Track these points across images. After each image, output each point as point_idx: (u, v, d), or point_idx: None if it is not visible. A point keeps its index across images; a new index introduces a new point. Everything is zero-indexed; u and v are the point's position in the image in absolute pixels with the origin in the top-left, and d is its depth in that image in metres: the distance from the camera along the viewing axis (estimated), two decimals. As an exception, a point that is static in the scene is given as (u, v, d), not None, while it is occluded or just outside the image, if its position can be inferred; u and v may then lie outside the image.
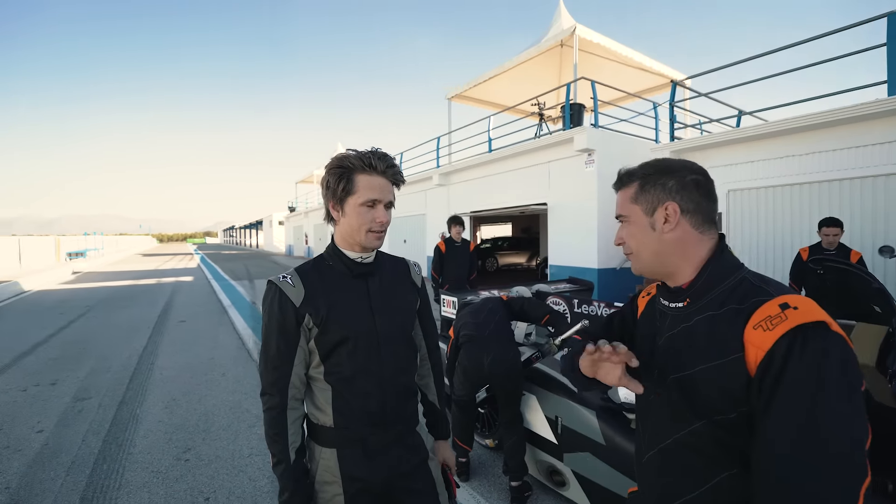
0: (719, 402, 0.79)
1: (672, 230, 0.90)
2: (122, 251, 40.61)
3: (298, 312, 1.17)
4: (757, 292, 0.81)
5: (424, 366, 1.47)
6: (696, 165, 0.92)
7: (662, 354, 0.92)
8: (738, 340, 0.77)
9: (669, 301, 0.94)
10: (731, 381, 0.77)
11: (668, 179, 0.90)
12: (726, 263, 0.89)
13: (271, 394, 1.17)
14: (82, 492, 2.69)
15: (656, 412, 0.94)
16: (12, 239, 18.55)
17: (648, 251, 0.93)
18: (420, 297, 1.41)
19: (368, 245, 1.22)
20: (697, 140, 7.18)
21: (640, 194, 0.93)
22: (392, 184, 1.23)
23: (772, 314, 0.75)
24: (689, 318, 0.88)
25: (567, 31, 10.07)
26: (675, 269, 0.92)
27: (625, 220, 0.97)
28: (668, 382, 0.89)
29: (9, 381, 4.79)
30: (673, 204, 0.89)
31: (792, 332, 0.71)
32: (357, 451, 1.20)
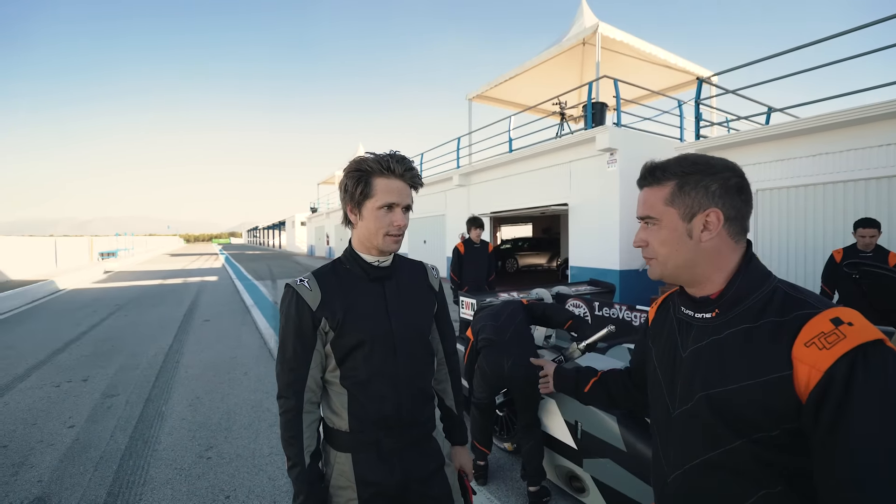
0: (761, 420, 0.74)
1: (710, 239, 0.82)
2: (151, 251, 41.96)
3: (315, 316, 1.17)
4: (797, 304, 0.76)
5: (441, 370, 1.46)
6: (737, 166, 0.85)
7: (688, 369, 0.85)
8: (786, 357, 0.72)
9: (695, 311, 0.87)
10: (777, 399, 0.72)
11: (712, 182, 0.82)
12: (757, 272, 0.83)
13: (287, 397, 1.17)
14: (109, 487, 2.77)
15: (681, 431, 0.87)
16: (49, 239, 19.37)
17: (679, 260, 0.86)
18: (437, 300, 1.40)
19: (386, 249, 1.21)
20: (724, 138, 6.97)
21: (678, 196, 0.84)
22: (410, 187, 1.22)
23: (825, 330, 0.70)
24: (719, 330, 0.82)
25: (589, 29, 9.92)
26: (705, 279, 0.86)
27: (654, 222, 0.87)
28: (697, 399, 0.82)
29: (44, 378, 4.98)
30: (717, 211, 0.81)
31: (853, 352, 0.67)
32: (372, 455, 1.19)
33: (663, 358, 0.94)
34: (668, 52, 10.85)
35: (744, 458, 0.77)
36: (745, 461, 0.77)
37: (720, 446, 0.79)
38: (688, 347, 0.87)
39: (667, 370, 0.92)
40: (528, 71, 12.01)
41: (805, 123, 5.98)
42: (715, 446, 0.80)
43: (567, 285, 4.48)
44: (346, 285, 1.22)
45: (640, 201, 0.91)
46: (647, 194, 0.89)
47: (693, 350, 0.85)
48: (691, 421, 0.84)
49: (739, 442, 0.77)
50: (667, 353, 0.93)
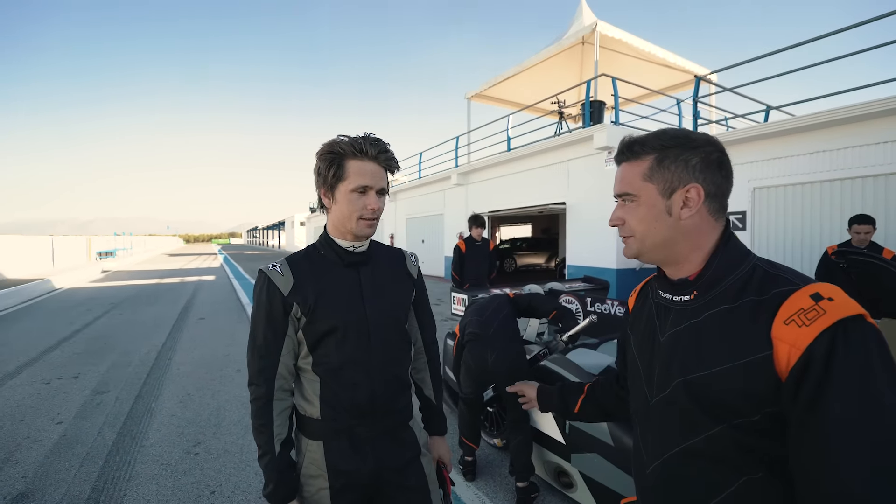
0: (741, 404, 0.71)
1: (690, 216, 0.78)
2: (150, 251, 41.93)
3: (286, 301, 1.14)
4: (776, 281, 0.73)
5: (420, 359, 1.42)
6: (718, 140, 0.81)
7: (665, 354, 0.82)
8: (765, 337, 0.68)
9: (672, 294, 0.83)
10: (757, 381, 0.69)
11: (692, 155, 0.78)
12: (736, 251, 0.80)
13: (257, 384, 1.15)
14: (94, 483, 2.73)
15: (659, 418, 0.83)
16: (46, 239, 19.32)
17: (657, 238, 0.81)
18: (416, 287, 1.36)
19: (360, 233, 1.18)
20: (722, 136, 6.95)
21: (657, 171, 0.79)
22: (385, 170, 1.18)
23: (804, 307, 0.66)
24: (698, 312, 0.78)
25: (588, 27, 9.92)
26: (682, 258, 0.82)
27: (631, 199, 0.83)
28: (675, 385, 0.79)
29: (34, 375, 4.94)
30: (697, 186, 0.77)
31: (833, 328, 0.64)
32: (343, 442, 1.16)
33: (642, 345, 0.90)
34: (667, 51, 10.84)
35: (724, 445, 0.74)
36: (726, 448, 0.74)
37: (699, 433, 0.76)
38: (666, 332, 0.83)
39: (645, 357, 0.88)
40: (527, 70, 12.00)
41: (802, 121, 5.96)
42: (694, 433, 0.77)
43: (561, 282, 4.45)
44: (319, 270, 1.19)
45: (618, 178, 0.86)
46: (625, 170, 0.84)
47: (671, 334, 0.82)
48: (669, 408, 0.81)
49: (719, 428, 0.73)
50: (645, 340, 0.89)
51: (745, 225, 6.73)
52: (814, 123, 5.84)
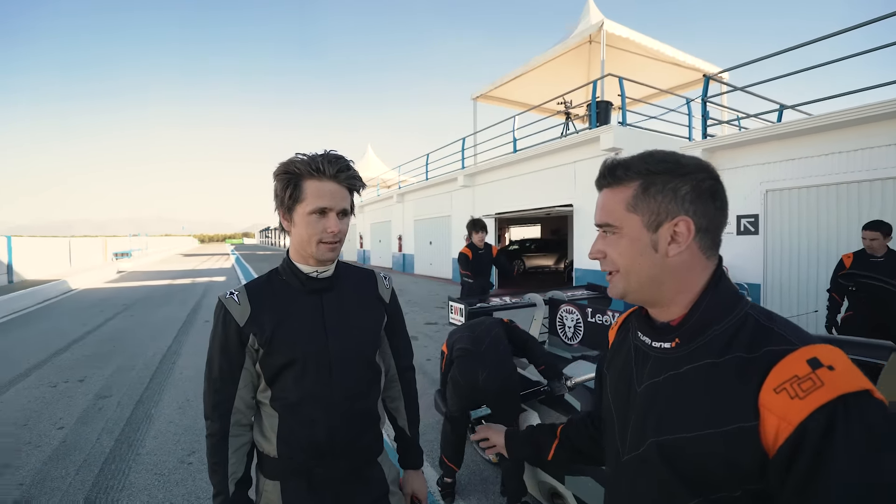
0: (721, 476, 0.62)
1: (679, 253, 0.70)
2: (165, 251, 42.61)
3: (242, 332, 1.08)
4: (769, 336, 0.63)
5: (394, 388, 1.36)
6: (711, 166, 0.72)
7: (641, 407, 0.73)
8: (752, 404, 0.59)
9: (652, 339, 0.74)
10: (740, 453, 0.60)
11: (682, 184, 0.69)
12: (726, 295, 0.70)
13: (212, 419, 1.10)
14: (87, 492, 2.74)
15: (630, 479, 0.75)
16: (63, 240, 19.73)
17: (642, 276, 0.72)
18: (388, 312, 1.29)
19: (321, 257, 1.11)
20: (732, 137, 6.76)
21: (642, 200, 0.70)
22: (348, 190, 1.12)
23: (800, 374, 0.58)
24: (679, 364, 0.69)
25: (595, 26, 9.77)
26: (668, 300, 0.73)
27: (613, 231, 0.74)
28: (648, 445, 0.70)
29: (42, 378, 5.02)
30: (686, 220, 0.69)
31: (832, 404, 0.55)
32: (302, 483, 1.10)
33: (617, 391, 0.81)
34: (676, 49, 10.63)
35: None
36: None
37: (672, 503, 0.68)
38: (643, 381, 0.74)
39: (620, 406, 0.79)
40: (533, 70, 11.88)
41: (817, 121, 5.77)
42: (666, 502, 0.69)
43: (563, 290, 4.36)
44: (279, 298, 1.13)
45: (598, 205, 0.76)
46: (607, 197, 0.75)
47: (649, 385, 0.73)
48: (641, 468, 0.72)
49: (695, 501, 0.65)
50: (621, 385, 0.80)
51: (758, 229, 6.55)
52: (830, 123, 5.65)
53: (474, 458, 3.10)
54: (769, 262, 6.51)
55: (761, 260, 6.54)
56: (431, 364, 5.39)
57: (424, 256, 17.47)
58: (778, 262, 6.42)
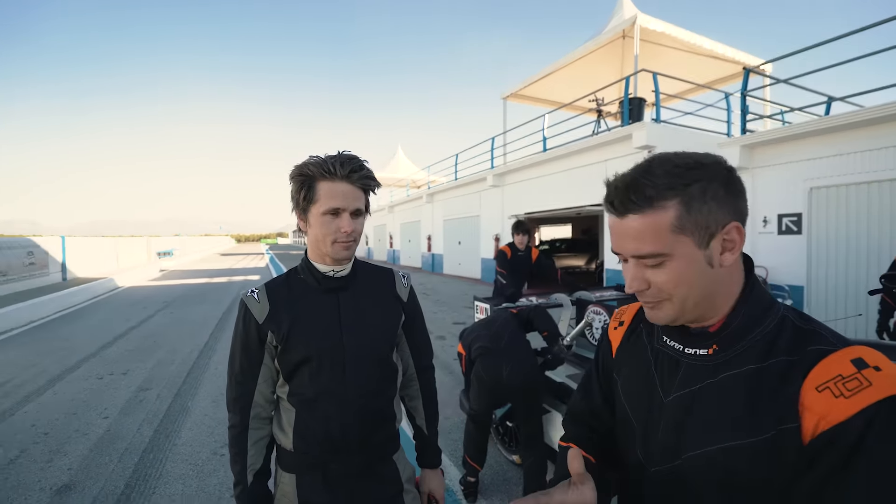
0: (758, 482, 0.60)
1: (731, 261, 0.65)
2: (204, 251, 44.40)
3: (261, 329, 1.13)
4: (809, 338, 0.61)
5: (413, 386, 1.37)
6: (719, 156, 0.67)
7: (673, 419, 0.68)
8: (793, 406, 0.57)
9: (684, 345, 0.70)
10: (785, 459, 0.57)
11: (717, 187, 0.63)
12: (763, 299, 0.67)
13: (233, 412, 1.15)
14: (128, 479, 2.89)
15: (658, 493, 0.71)
16: (111, 240, 20.86)
17: (699, 295, 0.65)
18: (406, 311, 1.30)
19: (336, 256, 1.13)
20: (773, 132, 6.45)
21: (688, 219, 0.62)
22: (362, 190, 1.14)
23: (844, 374, 0.55)
24: (716, 371, 0.65)
25: (628, 20, 9.52)
26: (716, 310, 0.68)
27: (661, 259, 0.65)
28: (686, 459, 0.66)
29: (91, 370, 5.33)
30: (738, 225, 0.64)
31: (878, 405, 0.52)
32: (317, 477, 1.12)
33: (635, 399, 0.76)
34: (714, 41, 10.23)
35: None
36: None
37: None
38: (672, 391, 0.69)
39: (641, 415, 0.74)
40: (564, 67, 11.69)
41: (868, 113, 5.42)
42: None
43: (590, 291, 4.27)
44: (296, 296, 1.16)
45: (628, 234, 0.66)
46: (639, 224, 0.64)
47: (682, 395, 0.68)
48: (673, 485, 0.68)
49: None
50: (641, 394, 0.75)
51: (801, 228, 6.22)
52: (882, 115, 5.29)
53: (497, 458, 3.08)
54: (813, 263, 6.16)
55: (804, 261, 6.21)
56: (458, 364, 5.39)
57: (453, 256, 17.49)
58: (823, 264, 6.07)
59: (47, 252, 14.25)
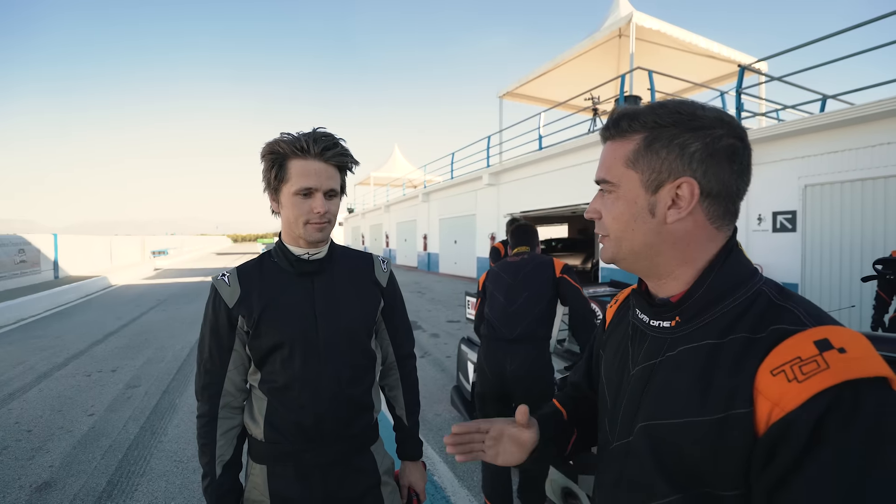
0: (709, 472, 0.55)
1: (680, 219, 0.61)
2: (199, 250, 44.21)
3: (231, 314, 1.08)
4: (779, 315, 0.55)
5: (392, 375, 1.32)
6: (736, 122, 0.62)
7: (634, 390, 0.66)
8: (747, 389, 0.52)
9: (650, 317, 0.67)
10: (732, 445, 0.53)
11: (692, 139, 0.59)
12: (737, 270, 0.61)
13: (202, 400, 1.10)
14: (111, 475, 2.83)
15: (616, 469, 0.68)
16: (105, 238, 20.71)
17: (636, 243, 0.64)
18: (385, 297, 1.26)
19: (310, 238, 1.09)
20: (768, 129, 6.43)
21: (644, 156, 0.62)
22: (337, 168, 1.09)
23: (803, 356, 0.49)
24: (676, 345, 0.62)
25: (624, 18, 9.50)
26: (666, 273, 0.65)
27: (610, 188, 0.66)
28: (636, 431, 0.63)
29: (79, 367, 5.25)
30: (691, 182, 0.59)
31: (835, 390, 0.47)
32: (288, 468, 1.08)
33: (611, 372, 0.75)
34: (710, 40, 10.23)
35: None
36: None
37: (650, 499, 0.60)
38: (638, 363, 0.67)
39: (612, 388, 0.72)
40: (561, 66, 11.66)
41: (861, 110, 5.41)
42: (646, 497, 0.61)
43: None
44: (269, 280, 1.12)
45: (600, 160, 0.68)
46: (608, 150, 0.67)
47: (644, 367, 0.66)
48: (627, 460, 0.65)
49: (675, 497, 0.58)
50: (615, 367, 0.73)
51: (796, 226, 6.20)
52: (876, 112, 5.28)
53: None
54: (808, 260, 6.15)
55: (799, 258, 6.19)
56: (451, 361, 5.34)
57: (449, 255, 17.44)
58: (818, 261, 6.06)
59: (39, 250, 14.11)
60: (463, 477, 2.80)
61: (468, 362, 3.45)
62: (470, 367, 3.40)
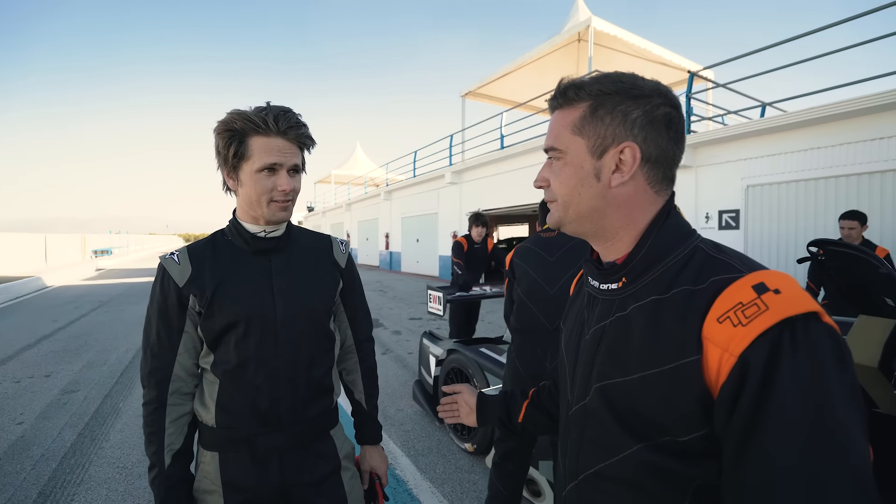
0: (665, 421, 0.58)
1: (622, 183, 0.64)
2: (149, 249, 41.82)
3: (182, 293, 1.02)
4: (717, 267, 0.59)
5: (350, 359, 1.28)
6: (672, 93, 0.66)
7: (588, 353, 0.69)
8: (695, 337, 0.55)
9: (600, 282, 0.69)
10: (684, 393, 0.55)
11: (633, 107, 0.63)
12: (675, 230, 0.65)
13: (148, 386, 1.02)
14: (42, 486, 2.60)
15: (577, 432, 0.70)
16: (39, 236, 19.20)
17: (583, 207, 0.67)
18: (343, 278, 1.22)
19: (272, 218, 1.04)
20: (714, 133, 6.80)
21: (589, 123, 0.65)
22: (298, 146, 1.04)
23: (744, 300, 0.53)
24: (625, 304, 0.65)
25: (583, 23, 9.78)
26: (611, 235, 0.68)
27: (557, 156, 0.68)
28: (593, 392, 0.66)
29: (5, 373, 4.81)
30: (632, 146, 0.63)
31: (776, 328, 0.50)
32: (242, 454, 1.02)
33: (569, 341, 0.77)
34: (663, 48, 10.71)
35: (642, 469, 0.60)
36: (644, 472, 0.60)
37: (614, 453, 0.63)
38: (591, 326, 0.70)
39: (570, 356, 0.75)
40: (522, 67, 11.87)
41: (796, 117, 5.82)
42: (608, 453, 0.64)
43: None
44: (222, 258, 1.06)
45: (548, 130, 0.71)
46: (555, 119, 0.69)
47: (595, 330, 0.68)
48: (587, 420, 0.68)
49: (637, 447, 0.60)
50: (573, 335, 0.76)
51: (739, 224, 6.60)
52: (808, 119, 5.70)
53: (449, 445, 3.03)
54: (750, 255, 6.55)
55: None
56: (412, 357, 5.30)
57: (411, 254, 17.36)
58: (758, 257, 6.46)
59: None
60: (425, 469, 2.78)
61: (430, 356, 3.43)
62: (432, 360, 3.39)
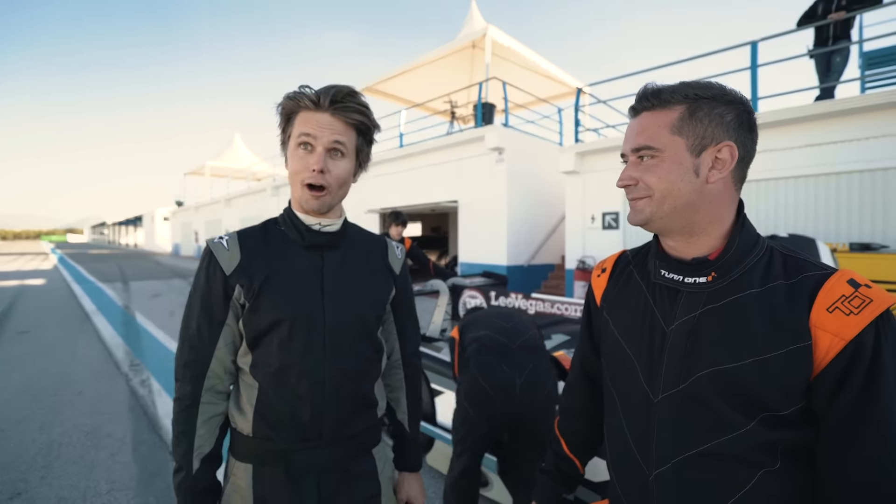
0: (774, 398, 0.65)
1: (718, 180, 0.70)
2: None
3: (228, 282, 0.92)
4: (799, 265, 0.69)
5: (395, 375, 1.17)
6: (748, 101, 0.72)
7: (680, 344, 0.72)
8: (804, 326, 0.64)
9: (683, 275, 0.73)
10: (795, 373, 0.64)
11: (727, 111, 0.69)
12: (751, 228, 0.74)
13: (183, 380, 0.92)
14: None
15: (670, 418, 0.73)
16: None
17: (680, 200, 0.70)
18: (397, 285, 1.11)
19: (306, 205, 0.93)
20: (596, 143, 7.64)
21: (688, 123, 0.69)
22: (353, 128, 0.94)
23: (846, 293, 0.63)
24: (718, 297, 0.70)
25: (479, 32, 10.20)
26: (700, 230, 0.72)
27: (653, 154, 0.71)
28: (696, 379, 0.69)
29: None
30: (731, 145, 0.69)
31: (880, 317, 0.61)
32: (278, 470, 0.90)
33: (633, 334, 0.78)
34: (550, 62, 11.67)
35: (750, 443, 0.67)
36: (752, 445, 0.67)
37: (726, 432, 0.68)
38: (675, 319, 0.73)
39: (643, 348, 0.76)
40: (419, 68, 11.96)
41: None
42: (719, 432, 0.68)
43: (462, 277, 4.43)
44: (274, 249, 0.96)
45: (635, 130, 0.73)
46: (647, 120, 0.72)
47: (685, 321, 0.72)
48: (684, 406, 0.71)
49: (750, 425, 0.66)
50: (640, 328, 0.78)
51: (619, 224, 7.50)
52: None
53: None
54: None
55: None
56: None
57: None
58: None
59: None
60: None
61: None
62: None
